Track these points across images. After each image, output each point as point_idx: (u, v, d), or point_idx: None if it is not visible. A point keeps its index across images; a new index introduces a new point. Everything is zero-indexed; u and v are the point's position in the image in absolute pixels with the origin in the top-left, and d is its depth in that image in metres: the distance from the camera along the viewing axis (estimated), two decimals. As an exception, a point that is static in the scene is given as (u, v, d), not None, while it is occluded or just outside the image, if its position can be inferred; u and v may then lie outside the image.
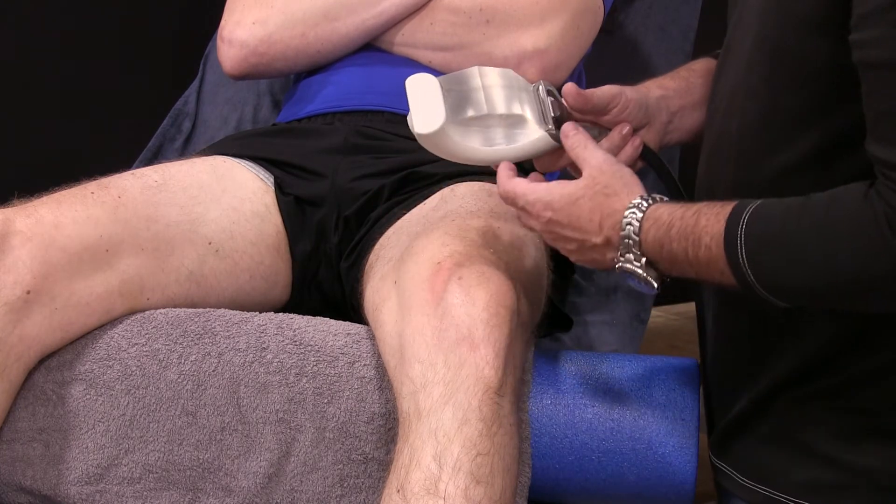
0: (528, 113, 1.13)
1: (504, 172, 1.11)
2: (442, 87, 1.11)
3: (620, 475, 1.16)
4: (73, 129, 2.06)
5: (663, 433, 1.16)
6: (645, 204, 1.02)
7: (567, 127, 1.11)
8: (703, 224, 0.97)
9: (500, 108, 1.12)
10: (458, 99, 1.11)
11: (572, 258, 1.09)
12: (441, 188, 1.34)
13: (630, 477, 1.16)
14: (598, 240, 1.05)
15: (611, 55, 1.82)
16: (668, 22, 1.85)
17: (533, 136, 1.13)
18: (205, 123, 1.82)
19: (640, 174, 1.47)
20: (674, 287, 1.05)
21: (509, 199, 1.10)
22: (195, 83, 1.86)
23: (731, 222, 0.95)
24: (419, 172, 1.39)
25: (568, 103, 1.13)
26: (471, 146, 1.12)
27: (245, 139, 1.51)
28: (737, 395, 1.10)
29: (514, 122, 1.13)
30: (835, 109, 0.93)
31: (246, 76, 1.57)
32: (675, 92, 1.21)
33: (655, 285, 1.03)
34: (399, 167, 1.40)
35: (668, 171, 1.20)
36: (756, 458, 1.09)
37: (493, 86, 1.13)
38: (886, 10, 0.85)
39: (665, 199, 1.04)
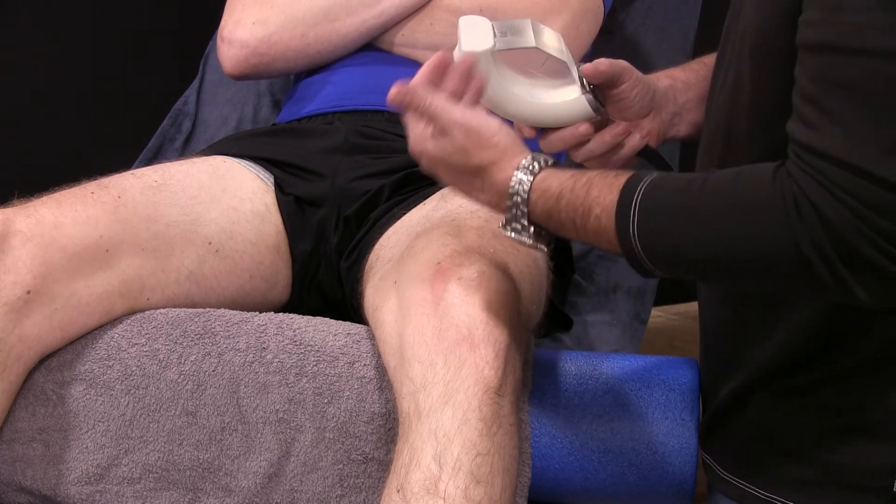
0: (574, 71, 1.11)
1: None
2: (494, 27, 1.09)
3: (620, 475, 1.16)
4: (73, 129, 2.06)
5: (663, 433, 1.16)
6: (529, 175, 1.00)
7: (405, 87, 1.05)
8: (594, 195, 0.96)
9: (552, 52, 1.09)
10: (510, 39, 1.08)
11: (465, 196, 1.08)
12: (441, 188, 1.34)
13: (630, 477, 1.16)
14: (484, 198, 1.04)
15: (611, 55, 1.81)
16: (668, 22, 1.85)
17: (574, 95, 1.10)
18: (205, 123, 1.82)
19: None
20: (674, 287, 1.05)
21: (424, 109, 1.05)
22: (195, 83, 1.86)
23: (625, 193, 0.94)
24: (419, 172, 1.38)
25: (587, 72, 1.12)
26: (512, 90, 1.10)
27: (245, 139, 1.51)
28: (719, 389, 1.11)
29: (558, 83, 1.11)
30: None
31: (246, 76, 1.57)
32: (684, 84, 1.21)
33: (545, 250, 1.03)
34: (399, 167, 1.40)
35: (669, 168, 1.20)
36: (733, 452, 1.09)
37: (545, 43, 1.10)
38: None
39: (548, 159, 1.02)
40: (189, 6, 2.11)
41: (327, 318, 1.23)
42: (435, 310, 1.05)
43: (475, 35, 1.08)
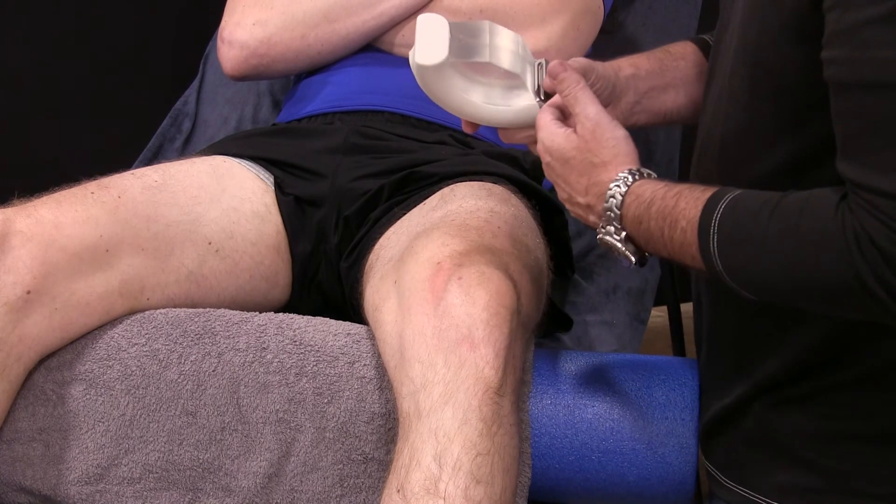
0: (528, 80, 1.12)
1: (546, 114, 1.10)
2: (451, 32, 1.10)
3: (620, 475, 1.16)
4: (73, 129, 2.06)
5: (663, 433, 1.16)
6: (630, 179, 1.02)
7: (555, 66, 1.09)
8: (682, 207, 0.96)
9: (505, 65, 1.11)
10: (465, 46, 1.10)
11: (565, 204, 1.10)
12: (441, 188, 1.34)
13: (630, 477, 1.16)
14: (582, 200, 1.05)
15: (611, 55, 1.81)
16: (668, 22, 1.85)
17: (526, 102, 1.12)
18: (205, 123, 1.82)
19: None
20: (674, 287, 1.05)
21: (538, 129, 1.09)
22: (195, 83, 1.86)
23: (707, 210, 0.94)
24: (419, 172, 1.39)
25: (549, 89, 1.12)
26: (465, 97, 1.11)
27: (245, 139, 1.51)
28: (721, 397, 1.11)
29: (514, 85, 1.12)
30: (810, 121, 0.93)
31: (246, 77, 1.57)
32: (647, 73, 1.20)
33: (633, 260, 1.03)
34: (399, 167, 1.40)
35: None
36: (734, 459, 1.09)
37: (501, 47, 1.11)
38: (855, 31, 0.84)
39: (653, 174, 1.03)
40: (189, 7, 2.11)
41: (327, 318, 1.23)
42: (435, 310, 1.05)
43: (431, 43, 1.09)
